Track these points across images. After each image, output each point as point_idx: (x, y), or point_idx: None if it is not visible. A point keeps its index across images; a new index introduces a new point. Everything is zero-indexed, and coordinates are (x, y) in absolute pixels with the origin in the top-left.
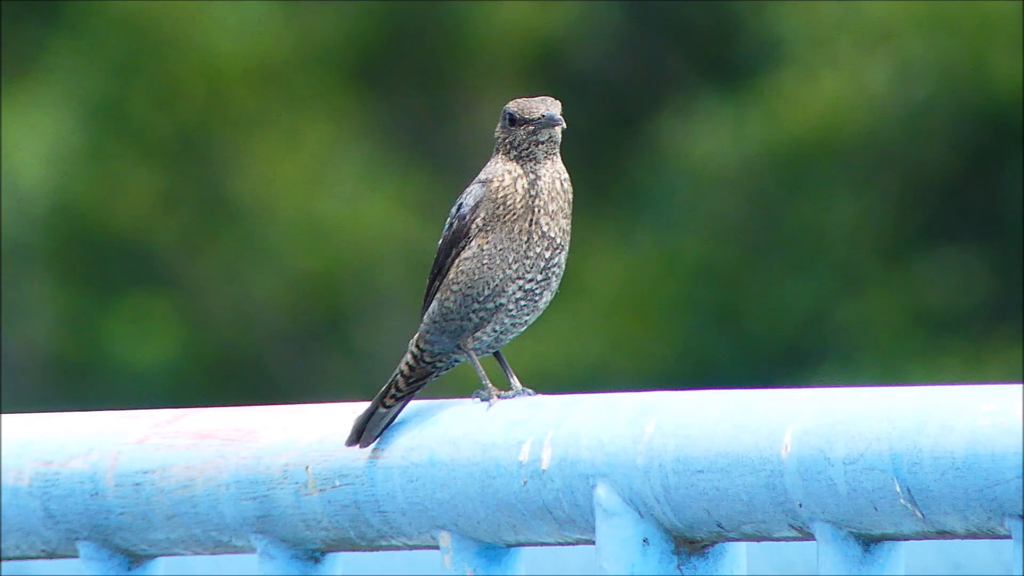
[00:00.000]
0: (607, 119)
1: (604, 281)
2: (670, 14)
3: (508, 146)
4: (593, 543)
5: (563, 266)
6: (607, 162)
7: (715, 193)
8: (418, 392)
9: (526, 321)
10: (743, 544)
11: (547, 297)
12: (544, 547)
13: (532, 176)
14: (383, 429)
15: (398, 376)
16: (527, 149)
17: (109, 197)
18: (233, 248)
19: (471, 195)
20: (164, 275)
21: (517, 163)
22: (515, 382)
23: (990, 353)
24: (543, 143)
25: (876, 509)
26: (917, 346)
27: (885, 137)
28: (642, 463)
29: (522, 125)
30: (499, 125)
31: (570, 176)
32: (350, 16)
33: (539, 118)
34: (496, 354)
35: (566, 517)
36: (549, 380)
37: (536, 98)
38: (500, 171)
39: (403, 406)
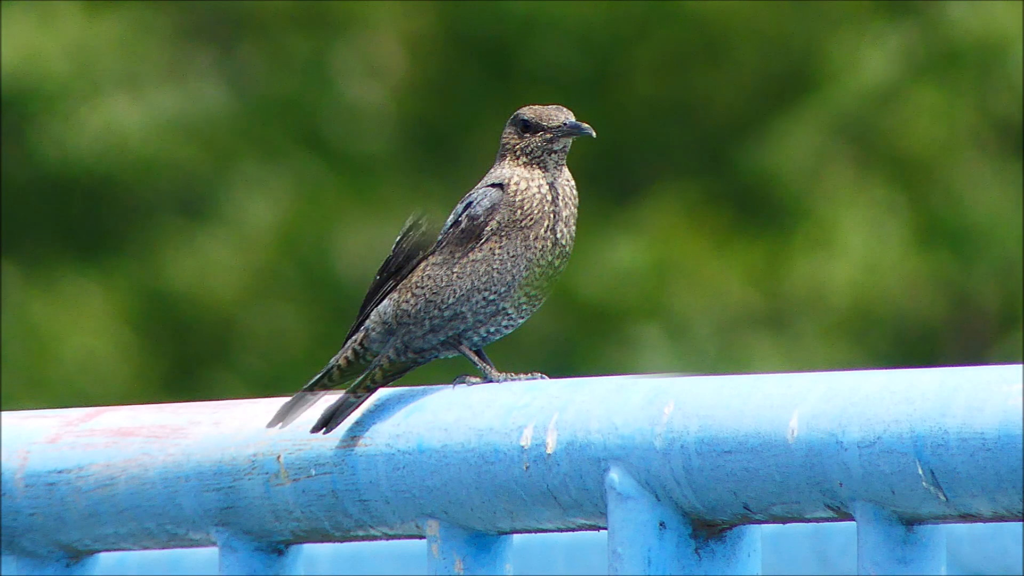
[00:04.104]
0: None
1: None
2: None
3: (519, 152)
4: (598, 528)
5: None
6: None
7: None
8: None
9: (519, 323)
10: (760, 528)
11: (543, 301)
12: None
13: (549, 183)
14: (346, 416)
15: (376, 369)
16: (539, 156)
17: None
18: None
19: (486, 197)
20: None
21: (528, 169)
22: (495, 372)
23: None
24: (556, 152)
25: (893, 492)
26: None
27: None
28: (661, 445)
29: (538, 132)
30: (510, 130)
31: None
32: None
33: (560, 126)
34: (477, 350)
35: (572, 502)
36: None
37: (551, 106)
38: (516, 177)
39: (370, 395)
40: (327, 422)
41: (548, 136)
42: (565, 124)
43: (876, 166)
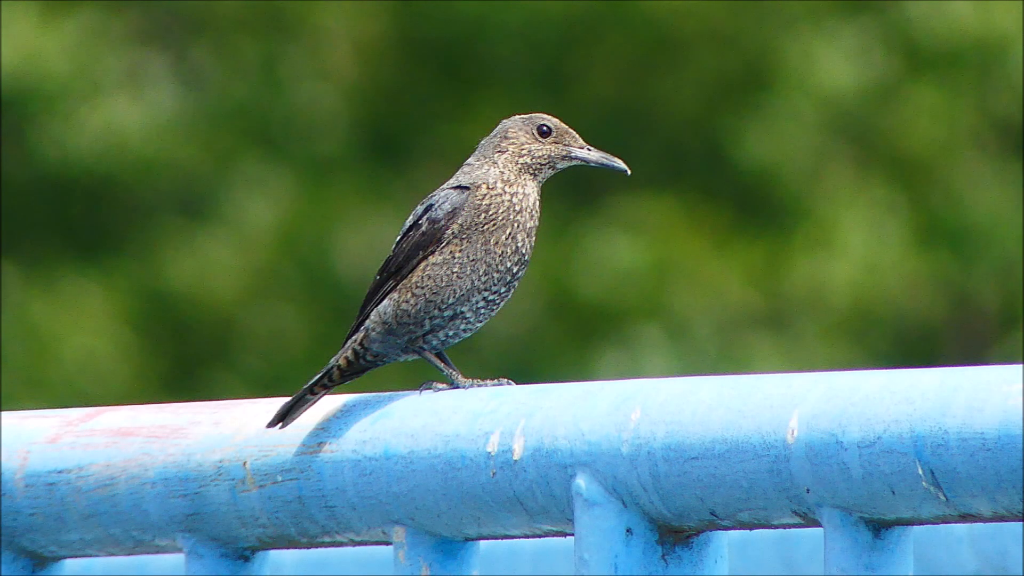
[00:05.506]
0: None
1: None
2: None
3: (525, 152)
4: (565, 534)
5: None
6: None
7: None
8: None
9: (477, 327)
10: (726, 534)
11: (502, 307)
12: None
13: (522, 192)
14: (301, 413)
15: (334, 369)
16: (541, 165)
17: None
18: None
19: (448, 200)
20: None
21: (518, 173)
22: (461, 379)
23: None
24: (556, 169)
25: (893, 492)
26: None
27: None
28: (628, 451)
29: (556, 143)
30: (523, 129)
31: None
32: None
33: (587, 152)
34: (439, 354)
35: (539, 508)
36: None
37: (569, 128)
38: (492, 179)
39: (327, 393)
40: (283, 418)
41: (564, 153)
42: (602, 162)
43: (876, 166)
